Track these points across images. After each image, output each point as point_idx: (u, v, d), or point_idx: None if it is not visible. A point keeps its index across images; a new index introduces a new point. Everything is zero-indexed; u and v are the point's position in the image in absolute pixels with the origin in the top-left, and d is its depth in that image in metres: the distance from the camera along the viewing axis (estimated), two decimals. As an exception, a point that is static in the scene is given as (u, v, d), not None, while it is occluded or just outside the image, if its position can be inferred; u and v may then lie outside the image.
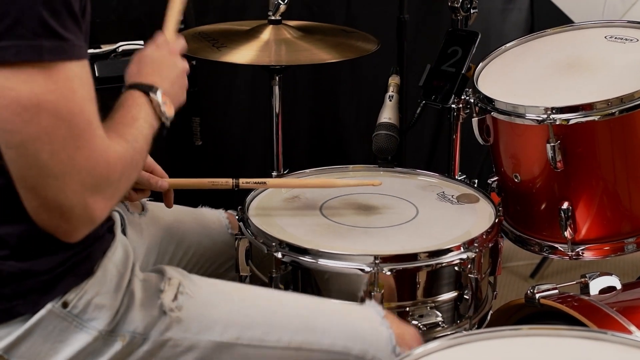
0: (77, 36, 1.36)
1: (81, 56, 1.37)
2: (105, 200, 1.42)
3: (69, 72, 1.34)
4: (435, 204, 2.17)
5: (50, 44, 1.32)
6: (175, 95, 1.67)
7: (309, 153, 3.64)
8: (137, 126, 1.53)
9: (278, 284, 1.92)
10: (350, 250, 1.88)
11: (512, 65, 2.28)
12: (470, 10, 2.47)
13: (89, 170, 1.38)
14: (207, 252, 2.14)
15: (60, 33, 1.33)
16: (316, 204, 2.14)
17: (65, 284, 1.52)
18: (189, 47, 2.40)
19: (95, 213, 1.41)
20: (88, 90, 1.38)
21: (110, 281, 1.59)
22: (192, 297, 1.65)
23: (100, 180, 1.40)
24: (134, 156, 1.49)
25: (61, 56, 1.33)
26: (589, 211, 2.09)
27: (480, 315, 2.04)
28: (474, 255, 1.92)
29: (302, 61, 2.38)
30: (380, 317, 1.74)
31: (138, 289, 1.62)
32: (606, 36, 2.26)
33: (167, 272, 1.68)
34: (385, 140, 2.33)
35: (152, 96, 1.59)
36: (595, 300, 1.94)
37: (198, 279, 1.72)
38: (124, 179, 1.47)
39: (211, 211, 2.23)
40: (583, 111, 1.99)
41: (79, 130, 1.36)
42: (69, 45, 1.34)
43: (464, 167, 2.60)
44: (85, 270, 1.55)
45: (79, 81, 1.36)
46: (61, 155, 1.35)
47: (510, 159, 2.17)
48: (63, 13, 1.33)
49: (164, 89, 1.62)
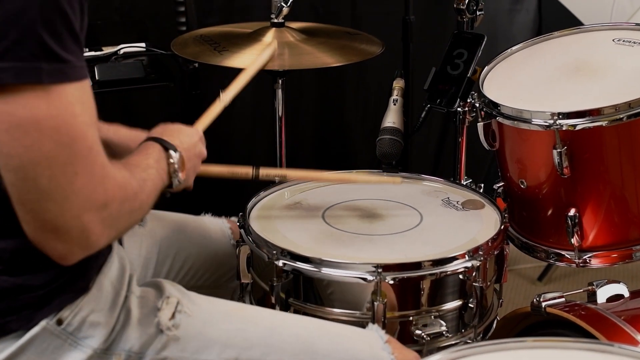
0: (78, 56, 1.34)
1: (81, 77, 1.35)
2: (103, 226, 1.40)
3: (69, 96, 1.32)
4: (440, 210, 2.13)
5: (50, 67, 1.29)
6: (188, 168, 1.67)
7: (314, 157, 3.61)
8: (149, 173, 1.53)
9: (279, 293, 1.89)
10: (352, 259, 1.86)
11: (518, 69, 2.24)
12: (476, 12, 2.43)
13: (88, 195, 1.36)
14: (207, 263, 2.11)
15: (61, 55, 1.30)
16: (318, 210, 2.12)
17: (60, 301, 1.50)
18: (191, 50, 2.40)
19: (92, 237, 1.39)
20: (90, 114, 1.36)
21: (105, 298, 1.56)
22: (191, 315, 1.63)
23: (99, 205, 1.38)
24: (138, 193, 1.48)
25: (61, 79, 1.31)
26: (596, 218, 2.05)
27: (486, 324, 2.01)
28: (478, 263, 1.89)
29: (305, 65, 2.36)
30: (382, 342, 1.72)
31: (135, 306, 1.60)
32: (614, 39, 2.22)
33: (165, 289, 1.66)
34: (390, 145, 2.30)
35: (170, 153, 1.60)
36: (602, 309, 1.92)
37: (197, 297, 1.70)
38: (125, 211, 1.44)
39: (213, 220, 2.21)
40: (590, 116, 1.95)
41: (79, 156, 1.34)
42: (69, 67, 1.32)
43: (471, 171, 2.57)
44: (81, 287, 1.53)
45: (80, 105, 1.34)
46: (61, 180, 1.33)
47: (516, 165, 2.14)
48: (64, 34, 1.31)
49: (182, 154, 1.62)
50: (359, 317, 1.86)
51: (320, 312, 1.89)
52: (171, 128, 1.70)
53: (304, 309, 1.90)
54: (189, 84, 2.83)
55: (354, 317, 1.87)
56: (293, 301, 1.91)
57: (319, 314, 1.89)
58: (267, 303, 1.93)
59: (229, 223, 2.20)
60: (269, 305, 1.92)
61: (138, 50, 2.74)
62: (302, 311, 1.90)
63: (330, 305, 1.88)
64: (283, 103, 2.50)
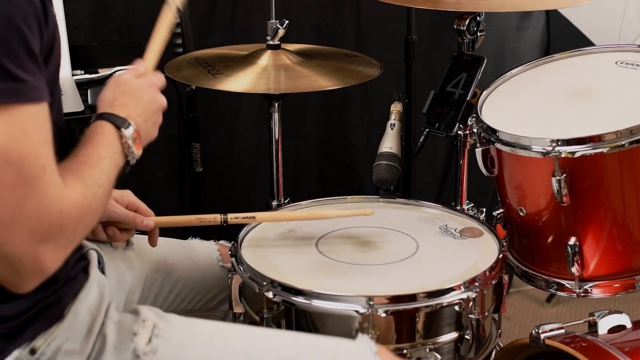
0: (36, 77, 1.30)
1: (39, 98, 1.30)
2: (57, 249, 1.35)
3: (23, 115, 1.28)
4: (437, 238, 2.09)
5: (5, 86, 1.25)
6: (147, 132, 1.61)
7: (318, 178, 3.58)
8: (102, 166, 1.46)
9: (270, 324, 1.85)
10: (344, 291, 1.81)
11: (518, 93, 2.19)
12: (477, 33, 2.37)
13: (39, 219, 1.30)
14: (196, 286, 2.07)
15: (16, 74, 1.26)
16: (312, 238, 2.07)
17: (34, 330, 1.46)
18: (185, 73, 2.37)
19: (46, 264, 1.34)
20: (44, 133, 1.31)
21: (81, 325, 1.52)
22: (168, 339, 1.57)
23: (52, 230, 1.32)
24: (93, 203, 1.41)
25: (16, 99, 1.27)
26: (597, 247, 2.00)
27: (483, 355, 1.96)
28: (474, 294, 1.84)
29: (300, 89, 2.32)
30: (372, 353, 1.64)
31: (111, 332, 1.55)
32: (617, 61, 2.18)
33: (142, 312, 1.61)
34: (386, 171, 2.26)
35: (123, 131, 1.52)
36: (603, 342, 1.89)
37: (175, 319, 1.64)
38: (80, 227, 1.39)
39: (201, 243, 2.17)
40: (591, 143, 1.90)
41: (29, 176, 1.29)
42: (26, 87, 1.28)
43: (475, 195, 2.53)
44: (55, 315, 1.49)
45: (34, 124, 1.29)
46: (9, 202, 1.28)
47: (515, 192, 2.09)
48: (20, 53, 1.27)
49: (137, 124, 1.55)
50: (351, 350, 1.82)
51: (311, 344, 1.84)
52: (121, 90, 1.60)
53: (296, 342, 1.86)
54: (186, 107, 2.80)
55: (347, 349, 1.82)
56: (284, 333, 1.87)
57: (310, 347, 1.84)
58: (258, 334, 1.89)
59: (217, 246, 2.17)
60: (260, 336, 1.88)
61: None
62: (294, 343, 1.86)
63: (323, 337, 1.84)
64: (280, 126, 2.44)
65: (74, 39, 2.87)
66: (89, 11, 3.00)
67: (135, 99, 1.60)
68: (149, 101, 1.64)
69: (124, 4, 3.06)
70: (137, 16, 3.07)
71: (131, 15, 3.06)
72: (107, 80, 2.11)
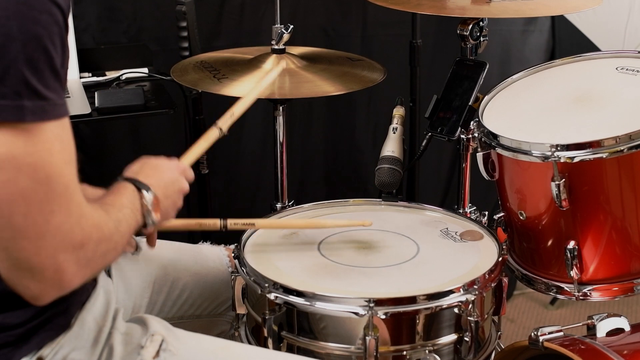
0: (58, 94, 1.33)
1: (61, 115, 1.33)
2: (78, 266, 1.37)
3: (48, 134, 1.31)
4: (438, 241, 2.11)
5: (32, 104, 1.28)
6: (165, 208, 1.65)
7: (324, 181, 3.59)
8: (124, 213, 1.50)
9: (272, 326, 1.87)
10: (345, 293, 1.83)
11: (519, 99, 2.21)
12: (480, 38, 2.39)
13: (64, 234, 1.34)
14: (205, 292, 2.09)
15: (42, 93, 1.29)
16: (315, 240, 2.09)
17: (40, 339, 1.48)
18: (190, 77, 2.39)
19: (66, 277, 1.37)
20: (68, 152, 1.35)
21: (88, 335, 1.55)
22: (175, 354, 1.60)
23: (75, 245, 1.36)
24: (114, 234, 1.45)
25: (42, 117, 1.29)
26: (596, 251, 2.02)
27: (482, 357, 1.98)
28: (473, 297, 1.86)
29: (304, 94, 2.33)
30: None
31: (118, 343, 1.58)
32: (617, 67, 2.19)
33: (150, 325, 1.63)
34: (388, 175, 2.27)
35: (143, 193, 1.56)
36: (601, 344, 1.89)
37: (183, 334, 1.67)
38: (100, 251, 1.42)
39: (211, 248, 2.19)
40: (590, 148, 1.92)
41: (55, 194, 1.32)
42: (50, 105, 1.31)
43: (478, 198, 2.54)
44: (62, 324, 1.52)
45: (59, 143, 1.32)
46: (37, 219, 1.31)
47: (515, 196, 2.11)
48: (45, 71, 1.30)
49: (157, 194, 1.59)
50: (352, 352, 1.84)
51: (313, 346, 1.87)
52: (149, 165, 1.67)
53: (297, 343, 1.88)
54: (192, 109, 2.82)
55: (348, 351, 1.84)
56: (286, 334, 1.88)
57: (312, 348, 1.86)
58: (260, 335, 1.92)
59: (227, 251, 2.18)
60: (261, 337, 1.90)
61: (140, 76, 2.73)
62: (295, 345, 1.88)
63: (324, 340, 1.85)
64: (284, 129, 2.46)
65: (82, 42, 2.89)
66: (97, 14, 3.01)
67: (159, 174, 1.65)
68: (172, 181, 1.69)
69: (132, 7, 3.08)
70: (145, 19, 3.08)
71: (139, 19, 3.08)
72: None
